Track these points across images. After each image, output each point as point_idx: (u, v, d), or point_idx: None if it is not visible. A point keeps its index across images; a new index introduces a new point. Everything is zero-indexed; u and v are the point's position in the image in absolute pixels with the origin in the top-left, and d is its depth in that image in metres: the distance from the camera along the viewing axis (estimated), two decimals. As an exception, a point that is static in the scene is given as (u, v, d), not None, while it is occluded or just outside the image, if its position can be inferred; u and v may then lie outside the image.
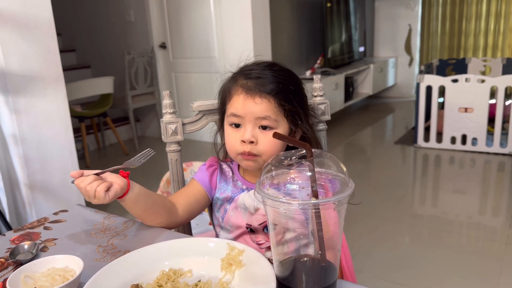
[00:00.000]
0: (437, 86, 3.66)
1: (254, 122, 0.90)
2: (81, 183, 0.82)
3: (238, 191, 1.00)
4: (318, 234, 0.63)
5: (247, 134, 0.90)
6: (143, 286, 0.71)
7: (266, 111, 0.89)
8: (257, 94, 0.89)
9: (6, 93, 2.12)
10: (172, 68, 4.43)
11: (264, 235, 0.98)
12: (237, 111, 0.91)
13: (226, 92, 0.96)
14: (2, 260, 0.84)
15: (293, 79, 0.95)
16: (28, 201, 2.27)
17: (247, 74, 0.93)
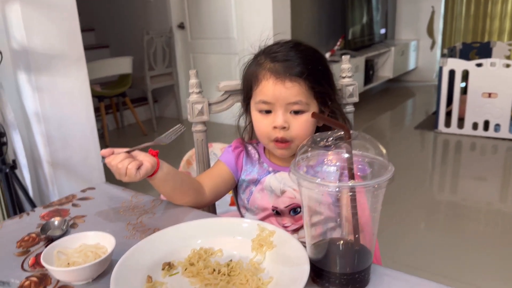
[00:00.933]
0: (460, 70, 3.57)
1: (285, 107, 0.87)
2: (112, 161, 0.82)
3: (264, 173, 0.99)
4: (353, 217, 0.62)
5: (279, 120, 0.87)
6: (175, 264, 0.71)
7: (297, 95, 0.86)
8: (287, 78, 0.86)
9: (29, 72, 2.13)
10: (190, 48, 4.40)
11: (290, 218, 0.97)
12: (267, 98, 0.88)
13: (252, 77, 0.92)
14: (33, 235, 0.85)
15: (320, 58, 0.93)
16: (50, 179, 2.30)
17: (274, 56, 0.89)
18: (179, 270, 0.71)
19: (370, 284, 0.65)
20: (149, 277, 0.67)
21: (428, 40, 5.84)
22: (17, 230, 0.87)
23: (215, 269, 0.69)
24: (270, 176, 0.98)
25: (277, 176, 0.98)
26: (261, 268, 0.70)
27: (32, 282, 0.69)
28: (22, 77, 2.18)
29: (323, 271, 0.64)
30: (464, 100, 3.64)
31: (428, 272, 1.87)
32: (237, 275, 0.67)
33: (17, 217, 0.93)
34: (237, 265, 0.69)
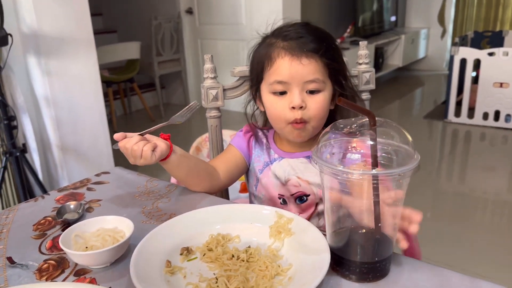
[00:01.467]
0: (472, 59, 3.52)
1: (302, 87, 0.85)
2: (127, 144, 0.80)
3: (271, 160, 0.98)
4: (375, 206, 0.61)
5: (296, 100, 0.85)
6: (193, 249, 0.71)
7: (315, 72, 0.84)
8: (303, 54, 0.84)
9: (38, 55, 2.12)
10: (198, 34, 4.37)
11: (296, 207, 0.96)
12: (282, 77, 0.85)
13: (265, 58, 0.89)
14: (49, 218, 0.85)
15: (331, 37, 0.91)
16: (60, 163, 2.31)
17: (285, 35, 0.87)
18: (197, 256, 0.70)
19: (391, 273, 0.64)
20: (168, 261, 0.67)
21: (439, 28, 5.76)
22: (32, 213, 0.87)
23: (233, 255, 0.68)
24: (276, 163, 0.97)
25: (282, 163, 0.96)
26: (279, 255, 0.69)
27: (50, 265, 0.69)
28: (32, 61, 2.18)
29: (343, 260, 0.64)
30: (475, 89, 3.60)
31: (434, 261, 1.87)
32: (256, 261, 0.67)
33: (32, 201, 0.93)
34: (256, 252, 0.69)
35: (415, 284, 0.61)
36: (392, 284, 0.62)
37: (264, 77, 0.90)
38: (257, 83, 0.94)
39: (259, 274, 0.64)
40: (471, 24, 5.46)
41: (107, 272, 0.67)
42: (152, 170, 0.90)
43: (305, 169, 0.94)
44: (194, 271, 0.67)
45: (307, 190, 0.94)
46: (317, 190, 0.93)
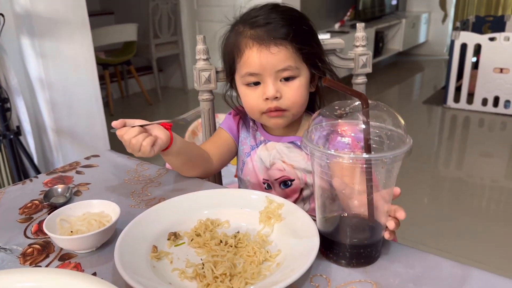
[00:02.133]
0: (472, 44, 3.48)
1: (274, 76, 0.82)
2: (126, 135, 0.76)
3: (256, 143, 0.96)
4: (367, 191, 0.60)
5: (270, 90, 0.81)
6: (180, 234, 0.70)
7: (286, 60, 0.80)
8: (271, 42, 0.80)
9: (32, 36, 2.09)
10: (196, 16, 4.31)
11: (281, 191, 0.94)
12: (253, 69, 0.82)
13: (233, 48, 0.85)
14: (36, 202, 0.84)
15: (302, 17, 0.86)
16: (55, 146, 2.29)
17: (253, 22, 0.82)
18: (185, 241, 0.69)
19: (381, 259, 0.63)
20: (154, 246, 0.66)
21: (440, 12, 5.69)
22: (20, 196, 0.86)
23: (222, 241, 0.67)
24: (262, 147, 0.95)
25: (268, 146, 0.94)
26: (268, 241, 0.68)
27: (35, 250, 0.68)
28: (26, 42, 2.14)
29: (334, 244, 0.63)
30: (475, 75, 3.57)
31: (431, 247, 1.87)
32: (244, 247, 0.66)
33: (20, 184, 0.91)
34: (245, 237, 0.68)
35: (405, 270, 0.60)
36: (382, 270, 0.61)
37: (236, 69, 0.87)
38: (231, 74, 0.90)
39: (247, 260, 0.63)
40: (472, 9, 5.39)
41: (93, 257, 0.66)
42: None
43: (290, 153, 0.92)
44: (181, 257, 0.65)
45: (292, 174, 0.92)
46: (302, 174, 0.92)
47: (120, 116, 3.84)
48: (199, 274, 0.60)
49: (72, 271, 0.56)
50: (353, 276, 0.60)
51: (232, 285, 0.58)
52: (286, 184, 0.93)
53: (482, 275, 0.59)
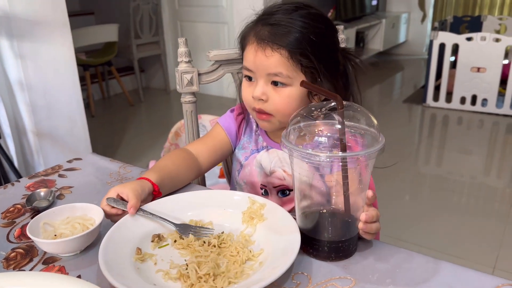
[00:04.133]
0: (450, 44, 3.55)
1: (265, 78, 0.81)
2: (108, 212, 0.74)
3: (257, 148, 0.95)
4: (344, 188, 0.62)
5: (256, 91, 0.81)
6: (164, 236, 0.71)
7: (278, 66, 0.79)
8: (268, 45, 0.78)
9: (11, 37, 2.06)
10: (177, 16, 4.30)
11: (278, 199, 0.93)
12: (248, 64, 0.82)
13: (243, 39, 0.86)
14: (19, 206, 0.83)
15: (318, 27, 0.80)
16: (35, 149, 2.26)
17: (265, 18, 0.82)
18: (169, 242, 0.70)
19: (356, 254, 0.66)
20: (138, 249, 0.66)
21: (419, 13, 5.79)
22: (1, 201, 0.85)
23: (205, 241, 0.68)
24: (263, 152, 0.94)
25: (269, 153, 0.93)
26: (251, 240, 0.70)
27: (18, 254, 0.68)
28: (4, 44, 2.11)
29: (311, 240, 0.65)
30: (453, 74, 3.65)
31: (412, 243, 1.91)
32: (228, 247, 0.67)
33: (2, 188, 0.91)
34: (228, 237, 0.69)
35: (383, 266, 0.63)
36: (361, 266, 0.63)
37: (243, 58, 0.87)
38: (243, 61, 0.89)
39: (230, 260, 0.65)
40: (450, 9, 5.50)
41: (77, 260, 0.67)
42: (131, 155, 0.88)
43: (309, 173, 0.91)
44: (165, 258, 0.66)
45: (291, 184, 0.91)
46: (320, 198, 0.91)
47: (101, 118, 3.82)
48: (183, 275, 0.61)
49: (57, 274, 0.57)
50: (333, 273, 0.62)
51: (215, 285, 0.59)
52: (284, 193, 0.93)
53: (454, 268, 0.61)
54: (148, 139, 3.26)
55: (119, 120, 3.75)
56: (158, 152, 2.57)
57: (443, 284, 0.59)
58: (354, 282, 0.60)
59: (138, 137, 3.34)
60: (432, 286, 0.58)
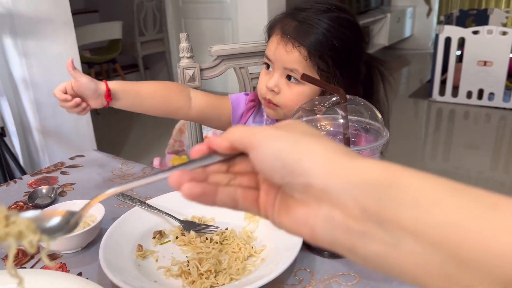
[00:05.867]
0: (456, 37, 3.52)
1: (282, 71, 0.83)
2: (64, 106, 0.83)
3: None
4: None
5: (271, 82, 0.83)
6: (166, 232, 0.70)
7: (294, 63, 0.80)
8: (289, 41, 0.80)
9: (15, 36, 2.06)
10: (181, 13, 4.29)
11: None
12: (269, 53, 0.84)
13: (270, 28, 0.87)
14: (21, 203, 0.83)
15: (343, 33, 0.80)
16: (40, 146, 2.27)
17: (295, 14, 0.82)
18: (170, 239, 0.69)
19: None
20: (139, 245, 0.66)
21: (425, 6, 5.73)
22: (4, 198, 0.85)
23: (207, 238, 0.68)
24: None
25: None
26: (254, 237, 0.69)
27: (19, 251, 0.68)
28: (8, 42, 2.11)
29: None
30: (459, 68, 3.61)
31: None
32: (230, 243, 0.67)
33: (4, 185, 0.91)
34: (230, 234, 0.68)
35: (388, 263, 0.62)
36: (365, 264, 0.62)
37: None
38: None
39: (232, 256, 0.64)
40: (456, 2, 5.44)
41: (78, 257, 0.66)
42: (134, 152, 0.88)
43: None
44: (166, 255, 0.66)
45: None
46: None
47: (106, 115, 3.82)
48: (184, 272, 0.60)
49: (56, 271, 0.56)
50: (336, 269, 0.61)
51: (217, 281, 0.59)
52: None
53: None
54: (152, 136, 3.26)
55: (123, 118, 3.75)
56: (162, 150, 2.57)
57: (449, 280, 0.57)
58: (358, 279, 0.59)
59: (143, 135, 3.35)
60: (437, 282, 0.57)
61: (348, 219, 0.29)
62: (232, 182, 0.36)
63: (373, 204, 0.28)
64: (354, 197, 0.28)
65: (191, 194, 0.35)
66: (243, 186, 0.36)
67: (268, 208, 0.35)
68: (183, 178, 0.35)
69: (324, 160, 0.30)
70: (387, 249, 0.28)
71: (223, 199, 0.36)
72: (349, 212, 0.29)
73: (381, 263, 0.29)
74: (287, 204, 0.33)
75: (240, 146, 0.34)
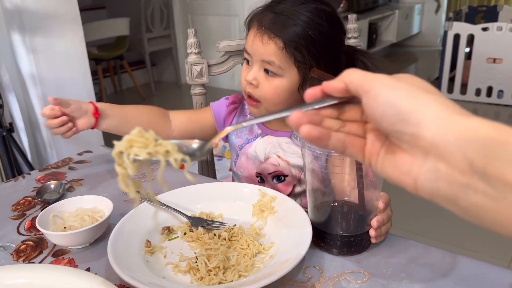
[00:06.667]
0: (465, 34, 3.48)
1: (260, 64, 0.82)
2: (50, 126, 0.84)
3: (253, 137, 0.94)
4: (358, 181, 0.60)
5: (250, 75, 0.83)
6: (174, 228, 0.70)
7: (271, 55, 0.79)
8: (266, 32, 0.79)
9: (23, 32, 2.07)
10: (188, 9, 4.28)
11: (273, 186, 0.92)
12: (247, 47, 0.84)
13: (250, 21, 0.86)
14: (29, 199, 0.83)
15: (321, 24, 0.78)
16: (48, 142, 2.28)
17: (272, 6, 0.82)
18: (178, 235, 0.69)
19: (374, 246, 0.64)
20: (147, 241, 0.66)
21: (433, 3, 5.68)
22: (12, 193, 0.85)
23: (215, 234, 0.67)
24: (258, 140, 0.94)
25: (265, 140, 0.93)
26: (262, 234, 0.69)
27: (28, 246, 0.68)
28: (16, 38, 2.12)
29: (325, 234, 0.63)
30: (468, 65, 3.57)
31: (425, 237, 1.88)
32: (238, 240, 0.66)
33: (13, 181, 0.91)
34: (239, 230, 0.68)
35: (397, 260, 0.61)
36: (375, 260, 0.62)
37: None
38: None
39: (240, 253, 0.64)
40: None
41: (86, 252, 0.66)
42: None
43: (288, 149, 0.91)
44: (174, 251, 0.66)
45: (286, 170, 0.91)
46: (296, 171, 0.90)
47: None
48: (193, 268, 0.60)
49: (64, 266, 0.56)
50: (345, 267, 0.60)
51: (225, 278, 0.58)
52: (279, 179, 0.92)
53: (471, 262, 0.59)
54: (159, 132, 3.26)
55: (131, 114, 3.76)
56: (169, 146, 2.57)
57: (459, 278, 0.57)
58: (368, 277, 0.58)
59: (150, 131, 3.35)
60: (448, 280, 0.57)
61: (453, 172, 0.31)
62: (342, 129, 0.39)
63: (481, 160, 0.29)
64: (463, 151, 0.30)
65: (309, 135, 0.37)
66: (351, 133, 0.39)
67: (372, 156, 0.38)
68: (303, 119, 0.37)
69: (439, 114, 0.32)
70: (489, 201, 0.30)
71: (334, 143, 0.38)
72: (456, 165, 0.31)
73: (481, 215, 0.31)
74: (393, 154, 0.36)
75: (354, 89, 0.36)
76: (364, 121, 0.39)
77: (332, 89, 0.37)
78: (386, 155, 0.36)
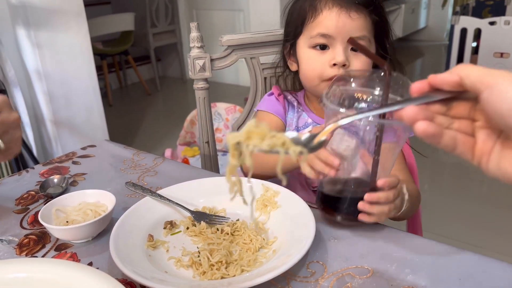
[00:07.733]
0: (472, 28, 3.45)
1: (346, 44, 0.78)
2: None
3: (302, 126, 0.90)
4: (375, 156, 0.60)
5: (339, 56, 0.77)
6: (176, 223, 0.70)
7: (363, 29, 0.77)
8: (353, 7, 0.76)
9: (28, 27, 2.07)
10: (193, 4, 4.27)
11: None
12: (327, 30, 0.78)
13: (309, 8, 0.81)
14: (33, 193, 0.83)
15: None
16: (53, 137, 2.29)
17: None
18: (181, 229, 0.69)
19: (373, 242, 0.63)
20: (150, 235, 0.66)
21: (440, -3, 5.63)
22: (16, 187, 0.85)
23: (218, 229, 0.67)
24: (309, 129, 0.89)
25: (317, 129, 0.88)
26: (265, 228, 0.68)
27: (31, 240, 0.68)
28: (21, 33, 2.12)
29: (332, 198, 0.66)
30: (475, 60, 3.54)
31: (432, 233, 1.87)
32: (241, 235, 0.66)
33: (16, 175, 0.91)
34: (241, 225, 0.67)
35: (402, 256, 0.60)
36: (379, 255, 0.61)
37: (303, 30, 0.83)
38: (294, 37, 0.86)
39: (243, 248, 0.63)
40: (473, -8, 5.32)
41: (89, 246, 0.66)
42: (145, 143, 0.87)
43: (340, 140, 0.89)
44: (177, 245, 0.65)
45: None
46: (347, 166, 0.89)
47: (118, 107, 3.83)
48: (195, 262, 0.60)
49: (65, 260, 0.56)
50: (349, 262, 0.60)
51: (228, 272, 0.58)
52: None
53: (477, 258, 0.59)
54: (164, 127, 3.27)
55: (136, 109, 3.77)
56: (174, 141, 2.57)
57: (465, 274, 0.56)
58: (372, 272, 0.58)
59: (155, 126, 3.36)
60: (453, 276, 0.56)
61: None
62: (451, 126, 0.38)
63: None
64: None
65: (425, 132, 0.36)
66: (461, 131, 0.38)
67: (483, 156, 0.37)
68: (419, 115, 0.36)
69: None
70: None
71: (446, 141, 0.37)
72: None
73: None
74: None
75: (471, 83, 0.35)
76: (472, 119, 0.37)
77: (444, 82, 0.36)
78: (503, 152, 0.35)
